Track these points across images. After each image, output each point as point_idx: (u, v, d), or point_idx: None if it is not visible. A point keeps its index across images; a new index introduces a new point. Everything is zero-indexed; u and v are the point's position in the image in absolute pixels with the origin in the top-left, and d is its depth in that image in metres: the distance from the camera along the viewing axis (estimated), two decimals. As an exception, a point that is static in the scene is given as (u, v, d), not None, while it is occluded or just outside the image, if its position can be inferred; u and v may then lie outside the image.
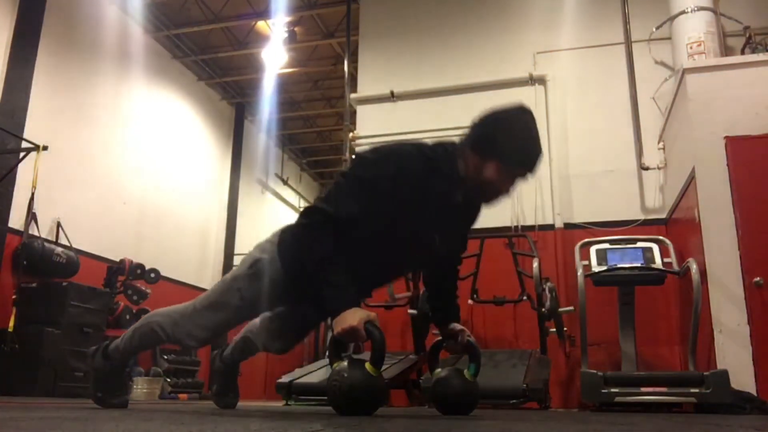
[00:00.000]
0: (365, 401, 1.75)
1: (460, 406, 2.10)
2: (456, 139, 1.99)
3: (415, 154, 1.90)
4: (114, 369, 2.20)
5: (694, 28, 5.10)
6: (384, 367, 1.81)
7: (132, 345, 2.21)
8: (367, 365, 1.74)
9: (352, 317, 1.74)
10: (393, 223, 1.88)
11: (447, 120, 5.65)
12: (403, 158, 1.88)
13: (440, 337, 2.26)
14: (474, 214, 2.17)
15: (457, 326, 2.18)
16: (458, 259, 2.33)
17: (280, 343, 2.31)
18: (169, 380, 7.23)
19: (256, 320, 2.39)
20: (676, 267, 4.08)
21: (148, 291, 7.23)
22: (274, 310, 2.21)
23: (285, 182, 12.28)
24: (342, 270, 1.80)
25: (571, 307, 4.55)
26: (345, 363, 1.77)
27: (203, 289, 3.25)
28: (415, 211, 1.89)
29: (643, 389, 3.58)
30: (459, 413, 2.08)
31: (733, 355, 3.78)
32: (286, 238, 2.02)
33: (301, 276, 1.90)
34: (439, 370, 2.20)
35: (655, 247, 4.18)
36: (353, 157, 2.00)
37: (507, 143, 1.86)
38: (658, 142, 5.53)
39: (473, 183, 1.92)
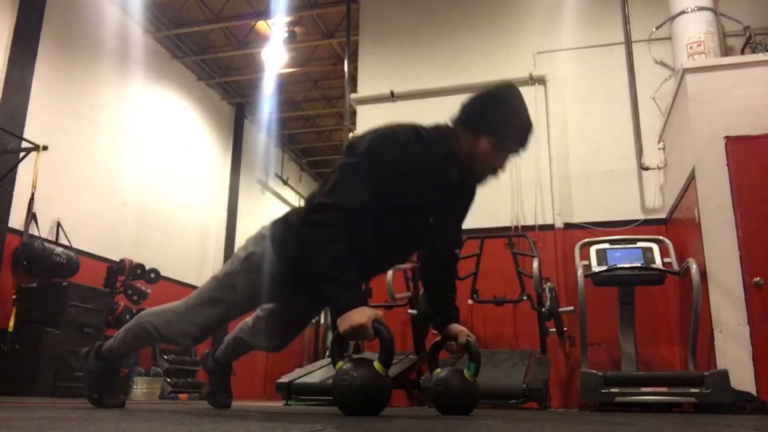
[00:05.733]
0: (374, 401, 1.72)
1: (460, 406, 2.09)
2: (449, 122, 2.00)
3: (411, 135, 1.90)
4: (108, 369, 2.19)
5: (694, 28, 5.10)
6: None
7: (126, 344, 2.20)
8: (376, 364, 1.70)
9: (360, 315, 1.71)
10: (391, 208, 1.87)
11: (447, 120, 5.64)
12: (399, 142, 1.88)
13: (440, 337, 2.25)
14: (469, 198, 2.15)
15: (458, 327, 2.16)
16: (457, 243, 2.26)
17: (277, 340, 2.27)
18: (169, 380, 7.23)
19: (248, 320, 2.34)
20: (676, 267, 4.08)
21: (148, 291, 7.23)
22: (270, 303, 2.17)
23: (285, 182, 12.28)
24: (353, 269, 1.78)
25: (571, 307, 4.55)
26: (352, 363, 1.73)
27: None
28: (412, 194, 1.88)
29: (643, 389, 3.58)
30: (459, 413, 2.08)
31: (733, 355, 3.78)
32: (284, 232, 1.98)
33: (303, 269, 1.87)
34: (439, 370, 2.19)
35: (655, 247, 4.18)
36: (348, 144, 1.98)
37: (499, 118, 1.91)
38: (658, 142, 5.53)
39: (467, 160, 1.94)
